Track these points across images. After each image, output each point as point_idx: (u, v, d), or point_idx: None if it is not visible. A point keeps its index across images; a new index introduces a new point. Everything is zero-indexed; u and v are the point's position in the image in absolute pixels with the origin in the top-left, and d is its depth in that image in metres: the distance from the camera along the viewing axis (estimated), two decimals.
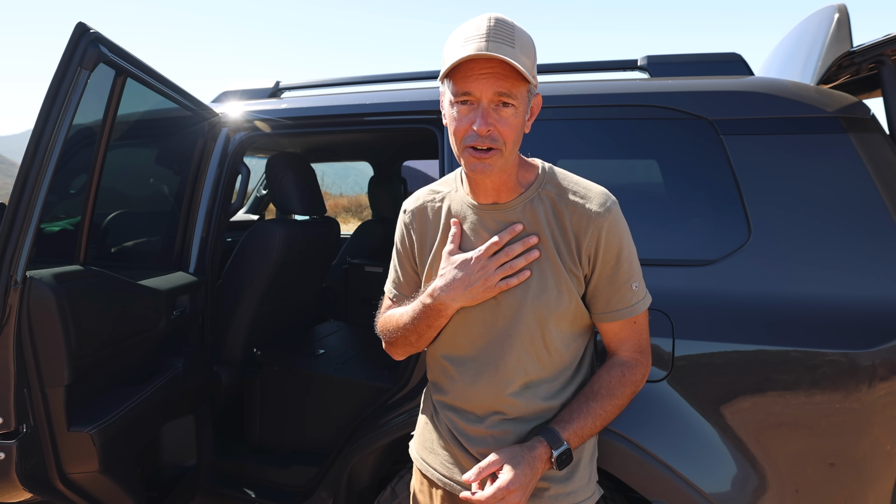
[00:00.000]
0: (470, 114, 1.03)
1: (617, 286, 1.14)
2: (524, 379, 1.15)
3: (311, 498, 2.07)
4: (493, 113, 1.02)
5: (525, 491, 1.05)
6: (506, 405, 1.16)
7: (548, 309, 1.12)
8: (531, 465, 1.06)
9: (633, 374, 1.17)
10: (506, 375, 1.15)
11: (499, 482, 1.04)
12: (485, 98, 1.01)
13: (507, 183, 1.14)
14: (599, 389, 1.14)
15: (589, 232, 1.11)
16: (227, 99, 2.45)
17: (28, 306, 1.47)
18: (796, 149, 1.50)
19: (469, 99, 1.02)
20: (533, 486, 1.08)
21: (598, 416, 1.12)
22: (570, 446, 1.09)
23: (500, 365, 1.15)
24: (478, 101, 1.02)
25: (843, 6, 1.61)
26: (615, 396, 1.14)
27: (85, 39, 1.50)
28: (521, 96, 1.03)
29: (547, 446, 1.09)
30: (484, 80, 1.00)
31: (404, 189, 4.24)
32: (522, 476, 1.05)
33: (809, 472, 1.39)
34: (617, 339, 1.19)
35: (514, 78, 1.00)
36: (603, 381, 1.15)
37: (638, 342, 1.19)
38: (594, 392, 1.14)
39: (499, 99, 1.01)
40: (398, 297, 1.32)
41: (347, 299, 3.54)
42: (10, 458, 1.46)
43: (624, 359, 1.18)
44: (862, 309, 1.37)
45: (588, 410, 1.12)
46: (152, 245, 2.28)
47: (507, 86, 1.00)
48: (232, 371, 2.46)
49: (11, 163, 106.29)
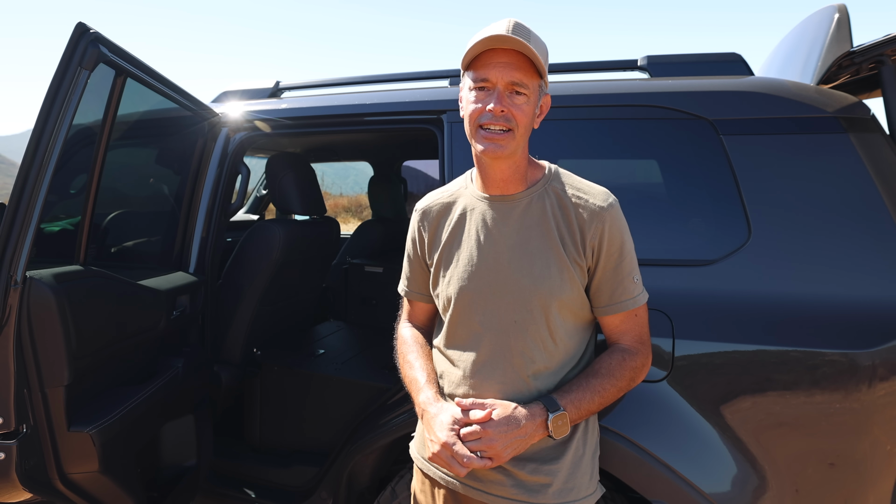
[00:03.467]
0: (486, 98, 1.12)
1: (620, 278, 1.19)
2: (532, 368, 1.17)
3: (311, 498, 2.07)
4: (506, 98, 1.11)
5: (507, 440, 1.08)
6: (511, 395, 1.17)
7: (551, 295, 1.16)
8: (518, 420, 1.10)
9: (634, 361, 1.20)
10: (513, 362, 1.17)
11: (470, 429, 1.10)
12: (501, 83, 1.11)
13: (516, 175, 1.20)
14: (600, 369, 1.18)
15: (593, 225, 1.16)
16: (227, 99, 2.44)
17: (28, 306, 1.47)
18: (796, 149, 1.50)
19: (486, 85, 1.12)
20: (520, 446, 1.11)
21: (598, 392, 1.15)
22: (567, 413, 1.11)
23: (507, 352, 1.18)
24: (494, 87, 1.11)
25: (843, 6, 1.61)
26: (615, 377, 1.17)
27: (85, 39, 1.50)
28: (534, 89, 1.13)
29: (543, 409, 1.12)
30: (501, 68, 1.10)
31: (404, 189, 4.23)
32: (505, 424, 1.09)
33: (809, 472, 1.39)
34: (619, 331, 1.23)
35: (528, 70, 1.11)
36: (603, 363, 1.19)
37: (639, 334, 1.23)
38: (594, 371, 1.18)
39: (513, 87, 1.11)
40: (410, 293, 1.39)
41: (347, 299, 3.53)
42: (10, 458, 1.46)
43: (625, 346, 1.22)
44: (862, 309, 1.37)
45: (587, 385, 1.15)
46: (152, 245, 2.28)
47: (521, 76, 1.10)
48: (232, 371, 2.46)
49: (11, 163, 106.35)
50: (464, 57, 1.14)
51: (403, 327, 1.42)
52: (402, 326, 1.43)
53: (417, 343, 1.35)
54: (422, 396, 1.23)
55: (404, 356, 1.35)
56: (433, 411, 1.18)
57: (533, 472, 1.16)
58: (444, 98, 1.90)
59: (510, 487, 1.16)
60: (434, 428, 1.15)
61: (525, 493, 1.16)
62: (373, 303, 3.42)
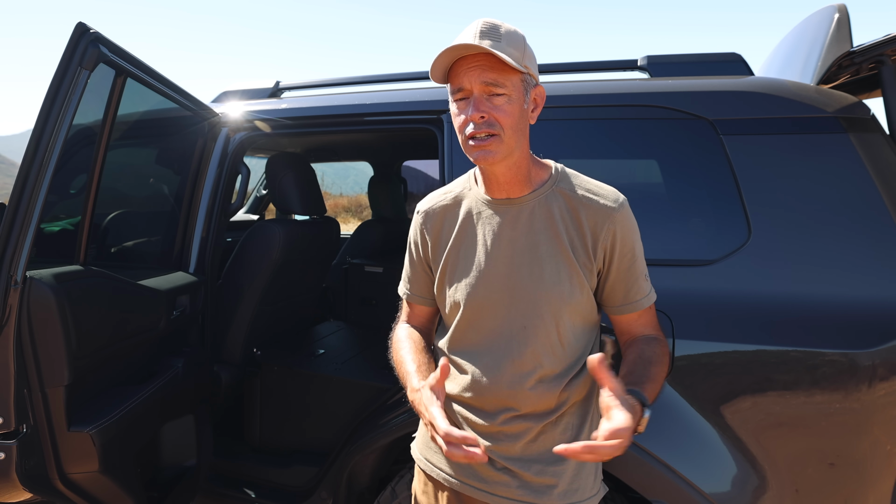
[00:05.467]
0: (466, 107, 1.10)
1: (634, 278, 1.18)
2: (540, 373, 1.15)
3: (311, 498, 2.07)
4: (485, 102, 1.08)
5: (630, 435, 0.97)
6: (519, 399, 1.16)
7: (561, 300, 1.14)
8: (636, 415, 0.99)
9: (665, 347, 1.20)
10: (522, 368, 1.15)
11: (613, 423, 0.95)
12: (475, 89, 1.08)
13: (518, 176, 1.17)
14: (651, 356, 1.14)
15: (605, 227, 1.14)
16: (227, 99, 2.45)
17: (28, 306, 1.47)
18: (796, 149, 1.50)
19: (464, 94, 1.10)
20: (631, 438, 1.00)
21: (657, 380, 1.11)
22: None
23: (516, 357, 1.16)
24: (471, 94, 1.09)
25: (843, 6, 1.61)
26: (663, 364, 1.15)
27: (85, 39, 1.50)
28: (512, 85, 1.09)
29: (640, 406, 1.02)
30: (471, 73, 1.07)
31: (404, 189, 4.23)
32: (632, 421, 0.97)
33: (809, 472, 1.39)
34: (638, 324, 1.21)
35: (499, 68, 1.07)
36: (651, 350, 1.16)
37: (655, 324, 1.23)
38: (648, 359, 1.14)
39: (488, 89, 1.07)
40: (411, 296, 1.35)
41: (347, 299, 3.54)
42: (10, 458, 1.46)
43: (652, 335, 1.21)
44: (862, 309, 1.37)
45: (652, 375, 1.10)
46: (152, 245, 2.28)
47: (493, 75, 1.06)
48: (232, 371, 2.46)
49: (11, 163, 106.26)
50: (432, 72, 1.11)
51: (400, 328, 1.38)
52: (399, 327, 1.39)
53: (411, 339, 1.31)
54: (410, 385, 1.19)
55: (397, 352, 1.31)
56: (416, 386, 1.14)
57: (538, 473, 1.15)
58: (444, 98, 1.90)
59: (515, 488, 1.16)
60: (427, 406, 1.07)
61: (530, 494, 1.15)
62: (373, 303, 3.42)
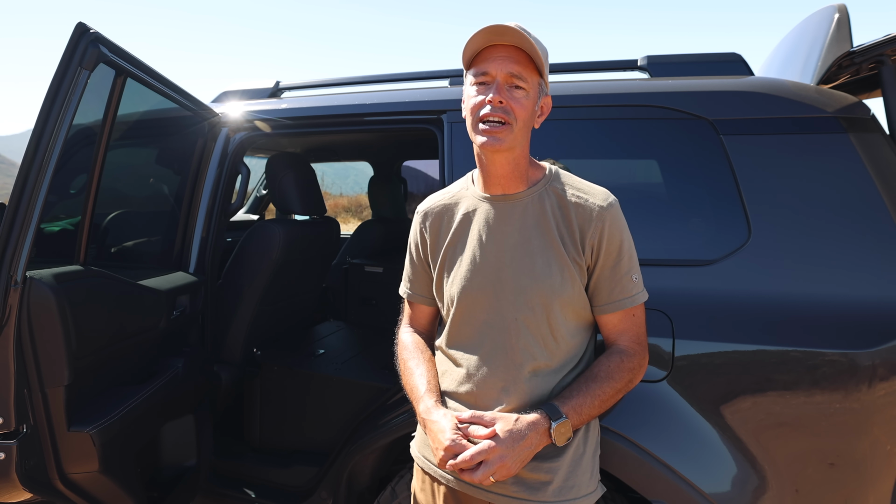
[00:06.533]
0: (486, 91, 1.14)
1: (619, 277, 1.20)
2: (533, 365, 1.18)
3: (311, 498, 2.07)
4: (506, 90, 1.13)
5: (514, 456, 1.08)
6: (513, 392, 1.17)
7: (552, 292, 1.17)
8: (523, 433, 1.09)
9: (631, 362, 1.20)
10: (514, 359, 1.18)
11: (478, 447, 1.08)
12: (500, 76, 1.13)
13: (516, 172, 1.21)
14: (598, 372, 1.18)
15: (593, 224, 1.18)
16: (227, 99, 2.44)
17: (28, 306, 1.47)
18: (796, 149, 1.50)
19: (486, 79, 1.14)
20: (526, 457, 1.11)
21: (598, 396, 1.15)
22: (569, 420, 1.12)
23: (509, 348, 1.18)
24: (493, 80, 1.14)
25: (843, 6, 1.61)
26: (614, 380, 1.17)
27: (85, 39, 1.50)
28: (533, 84, 1.15)
29: (546, 417, 1.11)
30: (500, 61, 1.12)
31: (404, 189, 4.23)
32: (511, 440, 1.08)
33: (809, 472, 1.39)
34: (616, 331, 1.23)
35: (527, 65, 1.13)
36: (602, 366, 1.19)
37: (636, 334, 1.24)
38: (593, 375, 1.18)
39: (512, 80, 1.13)
40: (412, 296, 1.39)
41: (347, 299, 3.54)
42: (10, 458, 1.46)
43: (622, 347, 1.22)
44: (862, 309, 1.37)
45: (587, 390, 1.15)
46: (152, 245, 2.28)
47: (521, 69, 1.12)
48: (232, 371, 2.46)
49: (11, 163, 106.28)
50: (464, 51, 1.16)
51: (404, 332, 1.42)
52: (403, 331, 1.42)
53: (418, 349, 1.35)
54: (422, 406, 1.23)
55: (405, 362, 1.35)
56: (434, 418, 1.18)
57: (533, 469, 1.16)
58: (444, 98, 1.90)
59: (510, 485, 1.17)
60: (437, 437, 1.15)
61: (525, 491, 1.16)
62: (373, 303, 3.42)
